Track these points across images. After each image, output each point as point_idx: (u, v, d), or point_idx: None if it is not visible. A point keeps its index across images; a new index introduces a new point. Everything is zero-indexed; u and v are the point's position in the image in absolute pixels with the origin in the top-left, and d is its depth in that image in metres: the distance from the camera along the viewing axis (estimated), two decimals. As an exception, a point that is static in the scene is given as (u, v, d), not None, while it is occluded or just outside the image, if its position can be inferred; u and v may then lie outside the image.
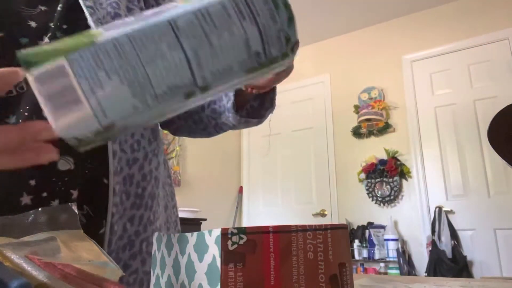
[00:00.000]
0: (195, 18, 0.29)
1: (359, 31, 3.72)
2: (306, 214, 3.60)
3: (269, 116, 0.70)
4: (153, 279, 0.33)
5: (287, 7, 0.31)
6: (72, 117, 0.27)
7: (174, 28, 0.29)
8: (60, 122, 0.27)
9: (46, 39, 0.53)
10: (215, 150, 3.82)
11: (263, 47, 0.31)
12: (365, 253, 3.14)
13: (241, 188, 4.05)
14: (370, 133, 3.40)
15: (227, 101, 0.65)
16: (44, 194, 0.48)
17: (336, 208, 3.47)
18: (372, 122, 3.37)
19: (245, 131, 4.19)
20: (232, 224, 3.80)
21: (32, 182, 0.48)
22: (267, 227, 0.23)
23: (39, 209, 0.35)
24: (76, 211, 0.36)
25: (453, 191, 3.00)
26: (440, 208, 2.95)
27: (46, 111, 0.27)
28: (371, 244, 3.13)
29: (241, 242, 0.22)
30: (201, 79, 0.30)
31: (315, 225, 0.25)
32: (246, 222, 3.93)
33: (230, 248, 0.22)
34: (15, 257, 0.30)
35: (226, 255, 0.22)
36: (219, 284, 0.21)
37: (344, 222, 3.31)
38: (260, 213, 3.88)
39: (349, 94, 3.62)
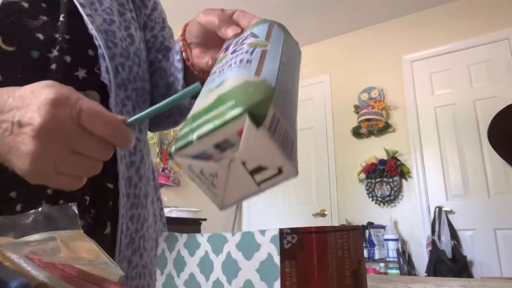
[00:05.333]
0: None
1: (359, 31, 3.72)
2: (306, 214, 3.60)
3: None
4: (161, 279, 0.33)
5: None
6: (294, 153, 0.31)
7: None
8: (294, 163, 0.30)
9: (55, 52, 0.54)
10: (215, 150, 3.82)
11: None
12: (365, 253, 3.14)
13: (241, 188, 4.05)
14: (370, 133, 3.39)
15: (177, 84, 0.62)
16: (61, 202, 0.50)
17: (336, 208, 3.47)
18: (372, 122, 3.37)
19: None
20: (232, 224, 3.80)
21: (49, 191, 0.50)
22: (311, 228, 0.26)
23: (39, 209, 0.35)
24: (76, 211, 0.36)
25: (453, 191, 3.00)
26: (440, 208, 2.95)
27: (279, 155, 0.29)
28: (371, 244, 3.13)
29: (293, 241, 0.25)
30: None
31: (339, 226, 0.28)
32: (246, 222, 3.93)
33: (286, 246, 0.24)
34: (15, 257, 0.30)
35: (283, 253, 0.24)
36: (279, 279, 0.24)
37: (344, 222, 3.31)
38: (260, 213, 3.87)
39: (349, 94, 3.62)
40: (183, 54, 0.55)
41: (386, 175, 3.21)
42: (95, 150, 0.35)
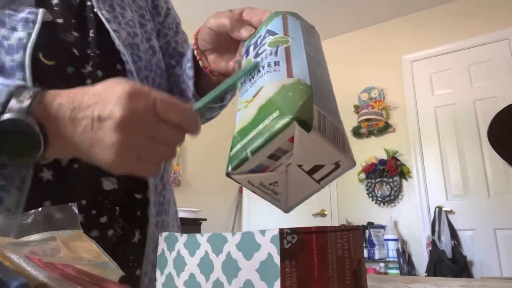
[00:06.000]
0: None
1: (359, 31, 3.72)
2: (306, 214, 3.60)
3: (231, 100, 0.67)
4: (161, 279, 0.33)
5: None
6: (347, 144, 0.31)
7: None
8: (349, 154, 0.30)
9: (89, 67, 0.55)
10: (215, 150, 3.82)
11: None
12: (365, 253, 3.14)
13: (241, 188, 4.05)
14: (370, 133, 3.39)
15: (188, 91, 0.64)
16: (93, 212, 0.52)
17: (336, 208, 3.47)
18: (372, 122, 3.37)
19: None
20: (232, 224, 3.79)
21: (83, 202, 0.52)
22: (311, 228, 0.26)
23: (39, 209, 0.35)
24: (76, 211, 0.36)
25: (453, 191, 3.00)
26: (440, 208, 2.95)
27: (333, 151, 0.29)
28: (371, 244, 3.13)
29: (293, 241, 0.25)
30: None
31: (339, 226, 0.28)
32: (246, 222, 3.93)
33: (286, 246, 0.24)
34: (15, 257, 0.30)
35: (283, 253, 0.24)
36: (279, 279, 0.24)
37: (344, 222, 3.31)
38: (260, 213, 3.87)
39: (349, 94, 3.62)
40: (200, 62, 0.56)
41: (386, 175, 3.21)
42: (170, 136, 0.38)
